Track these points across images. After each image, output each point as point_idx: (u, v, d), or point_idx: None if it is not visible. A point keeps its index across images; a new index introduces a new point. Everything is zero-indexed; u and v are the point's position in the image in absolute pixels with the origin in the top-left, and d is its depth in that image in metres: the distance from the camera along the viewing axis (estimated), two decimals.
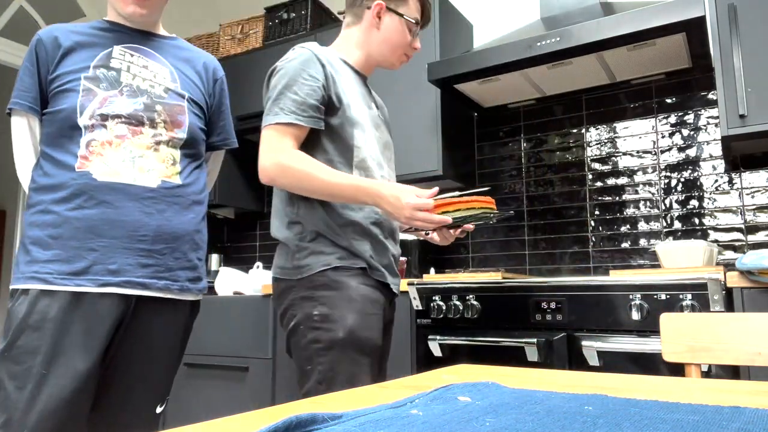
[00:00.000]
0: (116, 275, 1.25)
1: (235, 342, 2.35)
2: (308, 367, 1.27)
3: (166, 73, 1.41)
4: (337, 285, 1.29)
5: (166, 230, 1.32)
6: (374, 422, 0.46)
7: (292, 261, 1.32)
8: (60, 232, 1.24)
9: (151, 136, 1.33)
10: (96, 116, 1.28)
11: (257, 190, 3.27)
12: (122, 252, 1.26)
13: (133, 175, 1.29)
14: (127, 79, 1.34)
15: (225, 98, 1.56)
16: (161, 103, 1.36)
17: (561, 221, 2.43)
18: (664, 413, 0.49)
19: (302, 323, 1.28)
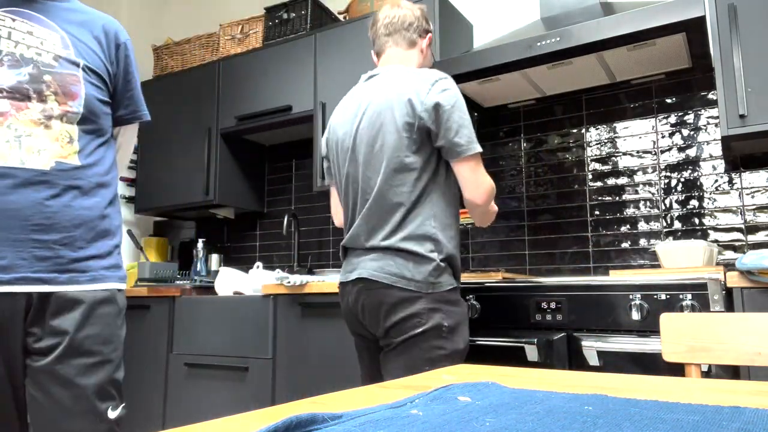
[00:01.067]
0: (7, 272, 1.11)
1: (235, 342, 2.35)
2: (430, 367, 1.42)
3: (56, 39, 1.25)
4: (457, 302, 1.49)
5: (64, 218, 1.18)
6: (374, 422, 0.46)
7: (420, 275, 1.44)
8: None
9: (40, 111, 1.17)
10: None
11: (257, 190, 3.27)
12: (13, 245, 1.12)
13: (19, 156, 1.14)
14: (8, 47, 1.18)
15: (131, 66, 1.39)
16: (50, 72, 1.20)
17: (561, 221, 2.43)
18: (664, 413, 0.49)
19: (429, 331, 1.43)
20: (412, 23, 1.62)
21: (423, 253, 1.45)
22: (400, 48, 1.63)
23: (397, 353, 1.45)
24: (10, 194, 1.12)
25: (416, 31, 1.62)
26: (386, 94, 1.51)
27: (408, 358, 1.44)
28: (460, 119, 1.46)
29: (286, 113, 2.80)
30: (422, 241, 1.46)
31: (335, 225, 1.94)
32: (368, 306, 1.49)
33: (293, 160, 3.26)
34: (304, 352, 2.20)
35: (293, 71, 2.81)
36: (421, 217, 1.48)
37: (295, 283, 2.20)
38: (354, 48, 2.62)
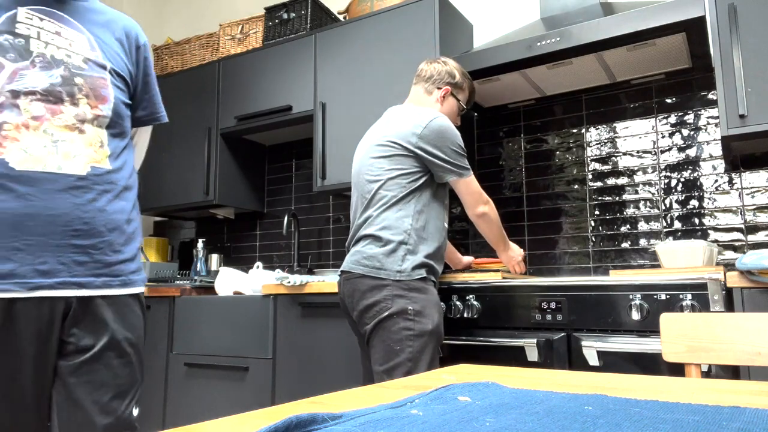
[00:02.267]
0: (48, 276, 1.11)
1: (235, 342, 2.35)
2: (397, 346, 1.60)
3: (83, 41, 1.22)
4: (426, 290, 1.67)
5: (100, 223, 1.18)
6: (374, 422, 0.46)
7: (389, 264, 1.66)
8: None
9: (73, 115, 1.16)
10: (5, 93, 1.10)
11: (257, 191, 3.27)
12: (53, 250, 1.12)
13: (57, 162, 1.13)
14: (39, 48, 1.15)
15: (150, 67, 1.39)
16: (81, 75, 1.19)
17: (561, 221, 2.43)
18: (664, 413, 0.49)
19: (395, 314, 1.62)
20: (432, 76, 1.90)
21: (394, 240, 1.68)
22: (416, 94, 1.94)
23: (372, 337, 1.65)
24: (50, 200, 1.12)
25: (435, 83, 1.90)
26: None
27: (380, 340, 1.63)
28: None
29: (286, 113, 2.80)
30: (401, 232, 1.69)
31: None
32: (346, 295, 1.73)
33: (293, 160, 3.26)
34: (304, 352, 2.20)
35: (293, 71, 2.81)
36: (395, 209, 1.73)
37: (295, 283, 2.20)
38: (354, 48, 2.62)
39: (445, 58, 1.95)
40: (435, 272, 1.72)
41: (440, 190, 1.78)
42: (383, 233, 1.68)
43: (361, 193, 1.79)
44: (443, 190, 1.80)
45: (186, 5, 3.90)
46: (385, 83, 2.50)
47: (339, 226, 3.03)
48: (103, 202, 1.20)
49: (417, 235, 1.69)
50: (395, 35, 2.49)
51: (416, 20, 2.44)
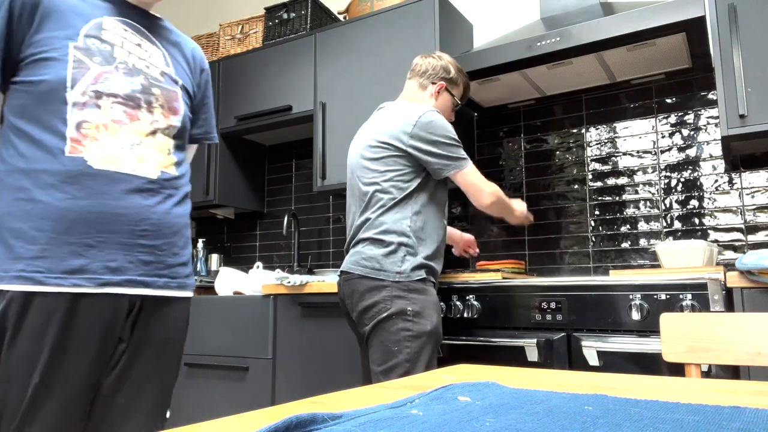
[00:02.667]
0: (117, 273, 1.14)
1: (235, 342, 2.35)
2: (395, 347, 1.60)
3: (160, 56, 1.30)
4: (425, 291, 1.66)
5: (165, 225, 1.22)
6: (374, 422, 0.46)
7: (388, 265, 1.65)
8: (50, 224, 1.09)
9: (149, 122, 1.21)
10: (89, 93, 1.14)
11: (257, 191, 3.27)
12: (122, 248, 1.14)
13: (132, 164, 1.17)
14: (122, 56, 1.20)
15: (209, 90, 1.48)
16: (158, 86, 1.25)
17: (561, 221, 2.43)
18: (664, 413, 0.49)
19: (394, 315, 1.61)
20: (427, 71, 1.88)
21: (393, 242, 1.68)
22: (409, 89, 1.92)
23: (371, 338, 1.65)
24: (122, 199, 1.15)
25: (429, 78, 1.88)
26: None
27: (378, 341, 1.62)
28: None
29: (286, 113, 2.80)
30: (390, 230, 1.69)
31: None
32: (345, 295, 1.73)
33: (293, 160, 3.26)
34: (304, 352, 2.20)
35: (293, 71, 2.81)
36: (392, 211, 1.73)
37: (295, 283, 2.20)
38: (354, 48, 2.62)
39: (440, 53, 1.92)
40: (434, 273, 1.72)
41: (438, 190, 1.77)
42: (383, 236, 1.67)
43: (357, 195, 1.79)
44: (441, 189, 1.78)
45: (186, 5, 3.90)
46: (385, 83, 2.50)
47: (339, 226, 3.03)
48: (169, 205, 1.24)
49: (416, 236, 1.68)
50: (395, 35, 2.49)
51: (416, 20, 2.44)
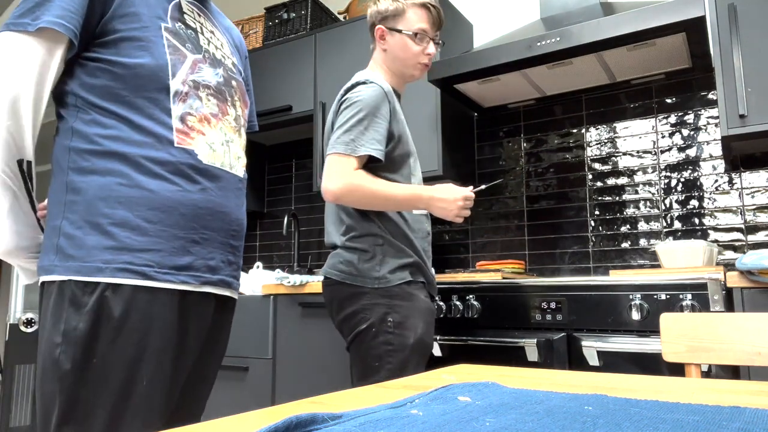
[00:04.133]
0: (214, 273, 1.09)
1: (235, 342, 2.35)
2: (377, 363, 1.44)
3: (227, 44, 1.21)
4: (409, 297, 1.48)
5: (243, 226, 1.19)
6: (374, 422, 0.46)
7: (366, 270, 1.48)
8: (160, 216, 1.01)
9: (234, 118, 1.16)
10: (189, 82, 1.06)
11: (257, 190, 3.27)
12: (219, 247, 1.10)
13: (230, 161, 1.12)
14: (205, 44, 1.12)
15: (250, 77, 1.37)
16: (234, 78, 1.18)
17: (561, 221, 2.43)
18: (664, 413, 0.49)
19: (375, 326, 1.45)
20: (369, 27, 1.64)
21: (365, 248, 1.50)
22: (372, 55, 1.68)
23: (351, 351, 1.51)
24: (225, 197, 1.11)
25: (371, 32, 1.63)
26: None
27: (358, 355, 1.47)
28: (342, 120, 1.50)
29: (286, 113, 2.80)
30: (361, 234, 1.51)
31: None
32: (326, 302, 1.57)
33: (293, 160, 3.26)
34: (304, 352, 2.20)
35: (293, 71, 2.81)
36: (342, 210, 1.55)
37: (295, 283, 2.20)
38: (354, 48, 2.62)
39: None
40: (422, 270, 1.54)
41: (401, 175, 1.54)
42: (355, 242, 1.50)
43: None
44: (407, 172, 1.56)
45: None
46: None
47: None
48: (245, 206, 1.21)
49: (391, 232, 1.50)
50: None
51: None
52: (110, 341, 0.95)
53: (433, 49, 1.59)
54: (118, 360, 0.96)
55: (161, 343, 1.00)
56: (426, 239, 1.59)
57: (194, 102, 1.06)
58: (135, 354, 0.97)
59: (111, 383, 0.95)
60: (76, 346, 0.94)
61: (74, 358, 0.94)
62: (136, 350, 0.97)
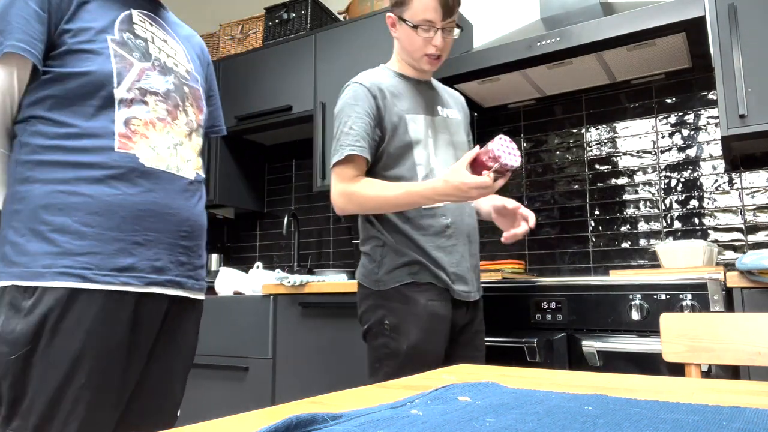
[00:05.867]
0: (160, 273, 1.12)
1: (235, 342, 2.35)
2: (377, 365, 1.43)
3: (182, 52, 1.26)
4: (406, 300, 1.41)
5: (198, 226, 1.21)
6: (374, 422, 0.46)
7: (369, 273, 1.46)
8: (99, 220, 1.04)
9: (185, 123, 1.20)
10: (135, 89, 1.11)
11: (257, 190, 3.27)
12: (166, 248, 1.13)
13: (176, 164, 1.16)
14: (155, 52, 1.17)
15: (215, 83, 1.43)
16: (187, 84, 1.23)
17: (561, 221, 2.43)
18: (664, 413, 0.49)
19: (374, 328, 1.43)
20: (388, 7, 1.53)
21: (368, 252, 1.49)
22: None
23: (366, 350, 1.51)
24: (170, 199, 1.14)
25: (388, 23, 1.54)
26: None
27: (366, 354, 1.48)
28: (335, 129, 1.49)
29: (286, 113, 2.80)
30: (366, 238, 1.51)
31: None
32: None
33: (293, 160, 3.26)
34: (304, 352, 2.20)
35: (293, 71, 2.81)
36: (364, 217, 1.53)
37: (295, 283, 2.20)
38: (354, 48, 2.62)
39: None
40: (429, 270, 1.43)
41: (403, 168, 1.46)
42: (363, 245, 1.51)
43: None
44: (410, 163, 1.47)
45: (186, 5, 3.90)
46: None
47: (339, 226, 3.03)
48: (201, 207, 1.23)
49: (390, 232, 1.45)
50: None
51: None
52: (48, 342, 0.99)
53: (440, 41, 1.46)
54: (56, 360, 0.99)
55: (101, 343, 1.03)
56: (444, 235, 1.45)
57: (140, 107, 1.11)
58: (74, 354, 1.00)
59: (50, 382, 0.99)
60: (14, 347, 0.98)
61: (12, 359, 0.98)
62: (75, 350, 1.00)
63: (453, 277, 1.45)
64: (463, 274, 1.47)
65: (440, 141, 1.53)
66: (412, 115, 1.49)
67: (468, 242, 1.51)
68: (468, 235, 1.51)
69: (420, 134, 1.49)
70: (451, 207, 1.48)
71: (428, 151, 1.49)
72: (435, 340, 1.42)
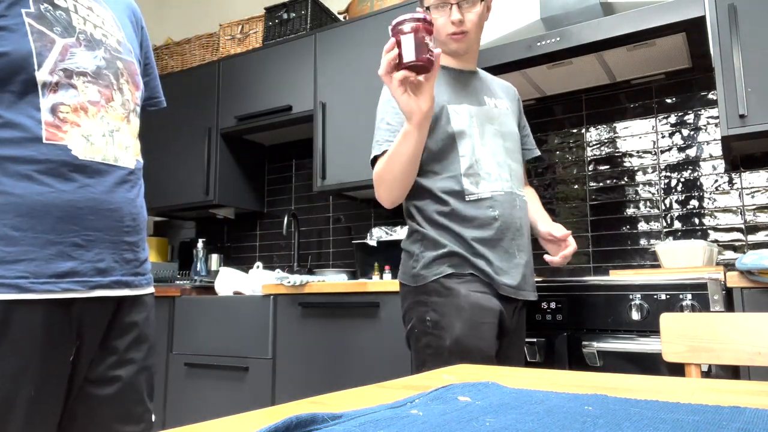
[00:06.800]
0: (105, 275, 1.02)
1: (235, 342, 2.35)
2: (423, 369, 1.33)
3: (110, 19, 1.10)
4: (447, 292, 1.32)
5: (140, 220, 1.10)
6: (374, 422, 0.46)
7: (408, 269, 1.40)
8: (30, 222, 0.93)
9: (121, 104, 1.06)
10: (58, 72, 0.97)
11: (257, 190, 3.27)
12: (109, 246, 1.02)
13: (114, 153, 1.03)
14: (80, 24, 1.02)
15: (150, 49, 1.26)
16: (120, 58, 1.07)
17: (561, 221, 2.43)
18: (664, 413, 0.49)
19: (416, 327, 1.35)
20: None
21: (407, 248, 1.44)
22: None
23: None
24: (111, 193, 1.02)
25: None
26: None
27: (412, 357, 1.40)
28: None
29: (286, 113, 2.80)
30: (408, 234, 1.46)
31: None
32: None
33: (293, 160, 3.26)
34: (304, 352, 2.20)
35: (293, 71, 2.81)
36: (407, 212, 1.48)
37: (295, 283, 2.20)
38: (354, 48, 2.62)
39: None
40: (467, 261, 1.34)
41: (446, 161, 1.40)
42: (405, 243, 1.46)
43: None
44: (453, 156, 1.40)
45: (186, 5, 3.90)
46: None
47: (339, 226, 3.03)
48: (141, 198, 1.12)
49: (429, 225, 1.39)
50: None
51: None
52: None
53: (457, 15, 1.40)
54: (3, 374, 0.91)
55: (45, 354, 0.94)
56: (491, 227, 1.37)
57: (67, 92, 0.97)
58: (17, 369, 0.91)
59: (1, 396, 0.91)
60: None
61: None
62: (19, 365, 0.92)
63: (498, 271, 1.36)
64: (509, 269, 1.38)
65: (487, 131, 1.44)
66: (455, 106, 1.42)
67: (518, 236, 1.42)
68: (518, 229, 1.42)
69: (464, 125, 1.41)
70: (500, 199, 1.40)
71: (473, 142, 1.41)
72: (481, 334, 1.30)
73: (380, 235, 2.52)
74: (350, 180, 2.55)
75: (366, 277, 2.52)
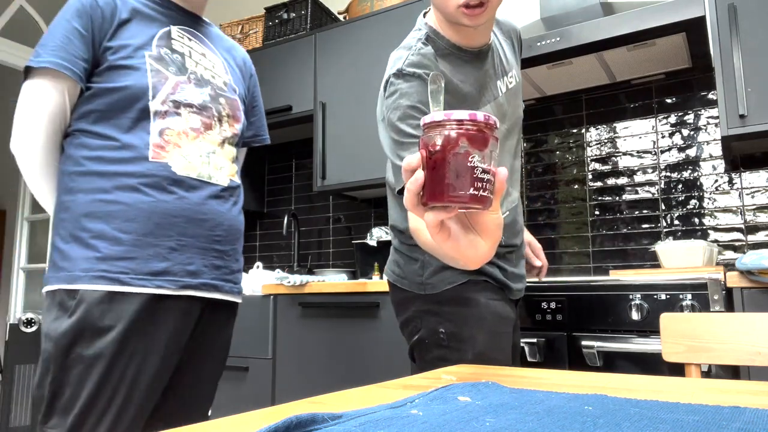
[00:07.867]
0: (194, 277, 1.17)
1: (235, 342, 2.35)
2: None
3: (221, 64, 1.33)
4: (465, 302, 1.17)
5: (233, 231, 1.27)
6: (374, 422, 0.46)
7: (410, 274, 1.22)
8: (134, 226, 1.12)
9: (218, 133, 1.26)
10: (169, 102, 1.17)
11: (257, 191, 3.27)
12: (199, 252, 1.19)
13: (209, 171, 1.22)
14: (192, 66, 1.24)
15: (258, 94, 1.50)
16: (223, 96, 1.29)
17: (561, 221, 2.43)
18: (664, 413, 0.49)
19: (426, 338, 1.20)
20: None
21: (408, 253, 1.24)
22: None
23: (415, 358, 1.27)
24: (202, 205, 1.19)
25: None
26: None
27: (418, 366, 1.25)
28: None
29: (286, 113, 2.80)
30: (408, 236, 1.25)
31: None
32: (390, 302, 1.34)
33: (293, 160, 3.26)
34: (304, 352, 2.19)
35: (293, 71, 2.81)
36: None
37: (295, 283, 2.20)
38: (354, 48, 2.62)
39: None
40: (483, 268, 1.19)
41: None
42: (396, 235, 1.27)
43: None
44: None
45: None
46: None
47: (339, 226, 3.03)
48: (236, 212, 1.29)
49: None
50: (395, 35, 2.49)
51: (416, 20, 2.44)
52: (88, 341, 1.07)
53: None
54: (95, 358, 1.06)
55: (136, 344, 1.10)
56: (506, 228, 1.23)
57: (174, 119, 1.17)
58: (110, 354, 1.07)
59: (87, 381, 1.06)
60: (58, 345, 1.06)
61: (56, 356, 1.06)
62: (112, 351, 1.07)
63: (512, 277, 1.26)
64: (520, 273, 1.31)
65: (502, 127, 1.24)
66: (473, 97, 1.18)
67: (522, 241, 1.34)
68: (521, 233, 1.34)
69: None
70: (510, 205, 1.27)
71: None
72: (501, 345, 1.19)
73: (380, 235, 2.52)
74: (350, 180, 2.55)
75: (366, 277, 2.52)
